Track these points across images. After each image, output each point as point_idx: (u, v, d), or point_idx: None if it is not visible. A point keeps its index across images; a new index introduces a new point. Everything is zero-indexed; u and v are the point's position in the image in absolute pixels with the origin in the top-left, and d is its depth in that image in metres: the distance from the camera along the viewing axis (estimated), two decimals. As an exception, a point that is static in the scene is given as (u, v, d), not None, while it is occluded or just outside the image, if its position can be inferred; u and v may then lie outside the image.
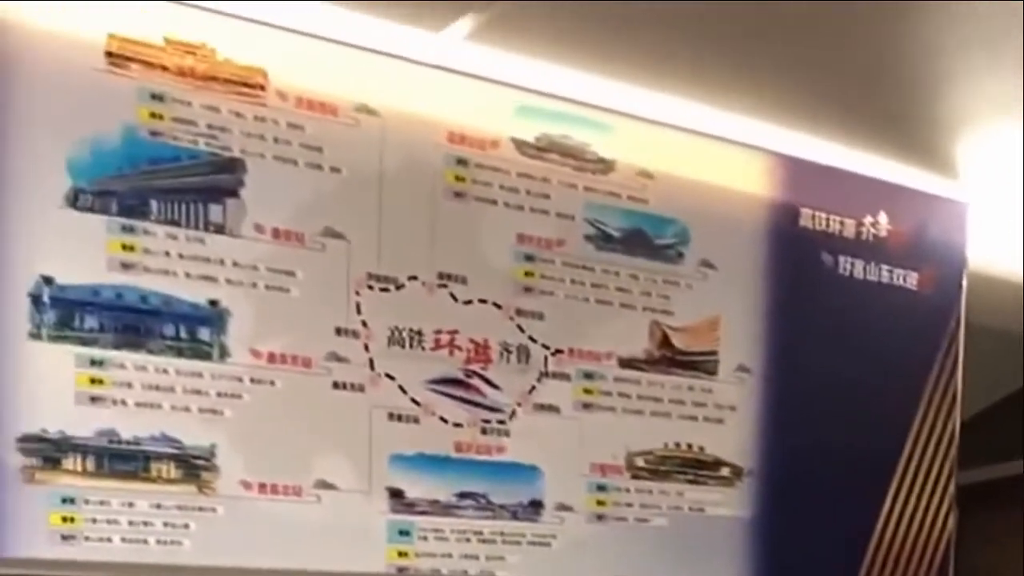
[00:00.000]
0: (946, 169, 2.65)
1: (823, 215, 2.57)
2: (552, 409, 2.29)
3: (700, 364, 2.44)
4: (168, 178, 1.92)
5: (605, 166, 2.30)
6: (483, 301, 2.20)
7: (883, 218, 2.65)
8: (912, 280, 2.70)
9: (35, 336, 1.84)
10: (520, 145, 2.21)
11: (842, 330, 2.61)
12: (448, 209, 2.15)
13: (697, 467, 2.46)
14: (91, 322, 1.88)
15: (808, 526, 2.58)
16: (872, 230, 2.64)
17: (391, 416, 2.13)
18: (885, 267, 2.66)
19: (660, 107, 2.30)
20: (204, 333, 1.96)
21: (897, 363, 2.68)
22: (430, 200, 2.13)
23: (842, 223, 2.60)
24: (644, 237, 2.35)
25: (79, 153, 1.85)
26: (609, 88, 2.23)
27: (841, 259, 2.61)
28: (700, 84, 2.27)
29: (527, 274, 2.24)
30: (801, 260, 2.56)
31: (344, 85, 2.03)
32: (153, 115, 1.90)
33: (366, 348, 2.09)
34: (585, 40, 2.10)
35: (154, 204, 1.91)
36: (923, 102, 2.37)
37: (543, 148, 2.24)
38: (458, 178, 2.16)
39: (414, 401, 2.15)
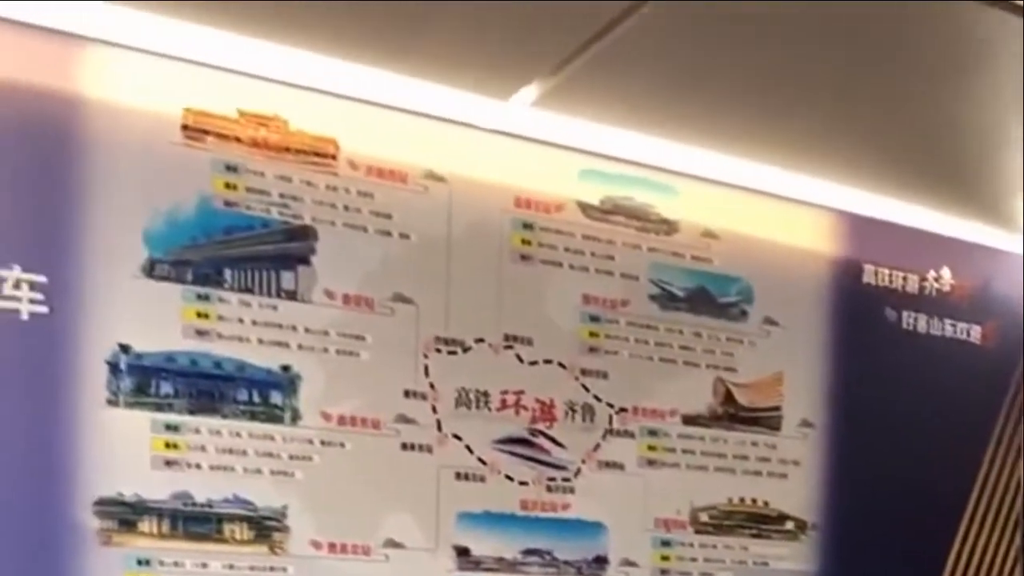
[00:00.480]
0: (1008, 223, 2.63)
1: (886, 271, 2.56)
2: (616, 466, 2.28)
3: (764, 420, 2.43)
4: (241, 247, 1.93)
5: (669, 227, 2.30)
6: (548, 361, 2.20)
7: (946, 273, 2.62)
8: (975, 334, 2.67)
9: (112, 403, 1.86)
10: (585, 208, 2.22)
11: (906, 384, 2.59)
12: (514, 272, 2.16)
13: (761, 521, 2.44)
14: (166, 388, 1.90)
15: (872, 580, 2.57)
16: (935, 285, 2.62)
17: (458, 475, 2.13)
18: (948, 321, 2.64)
19: (723, 168, 2.29)
20: (276, 397, 1.97)
21: (961, 417, 2.64)
22: (497, 263, 2.14)
23: (905, 279, 2.58)
24: (708, 296, 2.35)
25: (155, 224, 1.87)
26: (672, 150, 2.23)
27: (904, 314, 2.59)
28: (763, 144, 2.26)
29: (592, 334, 2.24)
30: (864, 316, 2.54)
31: (413, 153, 2.05)
32: (227, 186, 1.92)
33: (434, 410, 2.10)
34: (648, 104, 2.10)
35: (228, 272, 1.93)
36: (984, 158, 2.35)
37: (608, 210, 2.24)
38: (524, 241, 2.17)
39: (480, 460, 2.15)
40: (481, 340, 2.14)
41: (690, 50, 1.94)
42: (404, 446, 2.08)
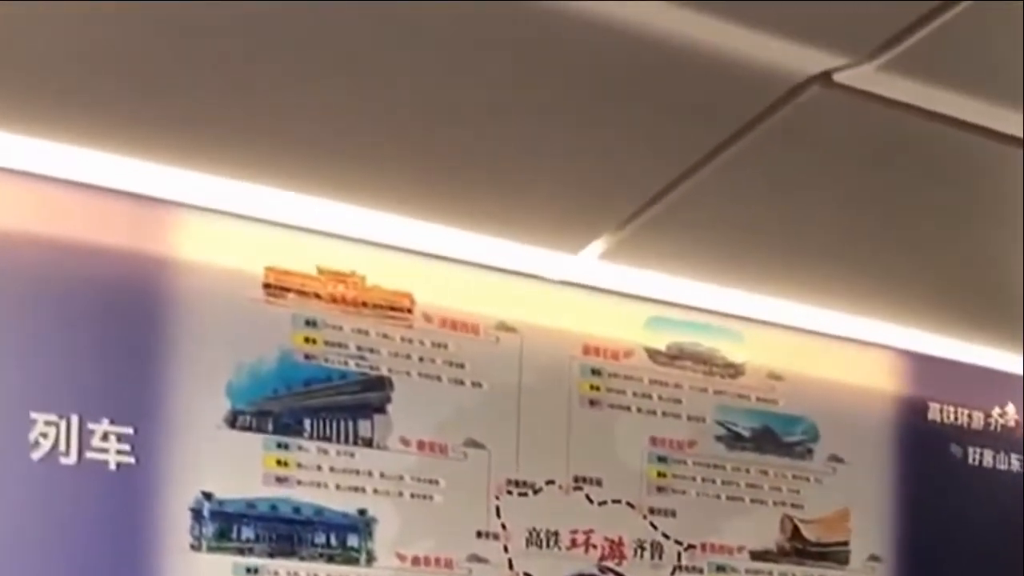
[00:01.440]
0: (1072, 360, 2.52)
1: (951, 408, 2.46)
2: (685, 601, 2.20)
3: (831, 555, 2.32)
4: (320, 397, 1.90)
5: (735, 370, 2.23)
6: (617, 501, 2.13)
7: (1011, 409, 2.52)
8: (1042, 468, 2.56)
9: (195, 548, 1.81)
10: (652, 354, 2.15)
11: (972, 518, 2.48)
12: (583, 416, 2.10)
13: (830, 654, 2.33)
14: (247, 533, 1.85)
15: None
16: (1000, 421, 2.51)
17: (529, 612, 2.06)
18: (1015, 456, 2.52)
19: (787, 312, 2.22)
20: (353, 540, 1.92)
21: (1029, 550, 2.52)
22: (566, 409, 2.08)
23: (970, 415, 2.48)
24: (773, 435, 2.26)
25: (238, 377, 1.84)
26: (736, 297, 2.16)
27: (970, 450, 2.48)
28: (825, 290, 2.18)
29: (660, 474, 2.17)
30: (930, 452, 2.44)
31: (485, 305, 2.01)
32: (307, 340, 1.89)
33: (505, 549, 2.03)
34: (711, 255, 2.04)
35: (307, 422, 1.89)
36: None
37: (674, 356, 2.17)
38: (593, 387, 2.11)
39: (551, 597, 2.08)
40: (551, 482, 2.07)
41: (750, 206, 1.88)
42: (476, 584, 2.02)
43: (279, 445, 1.87)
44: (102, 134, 1.66)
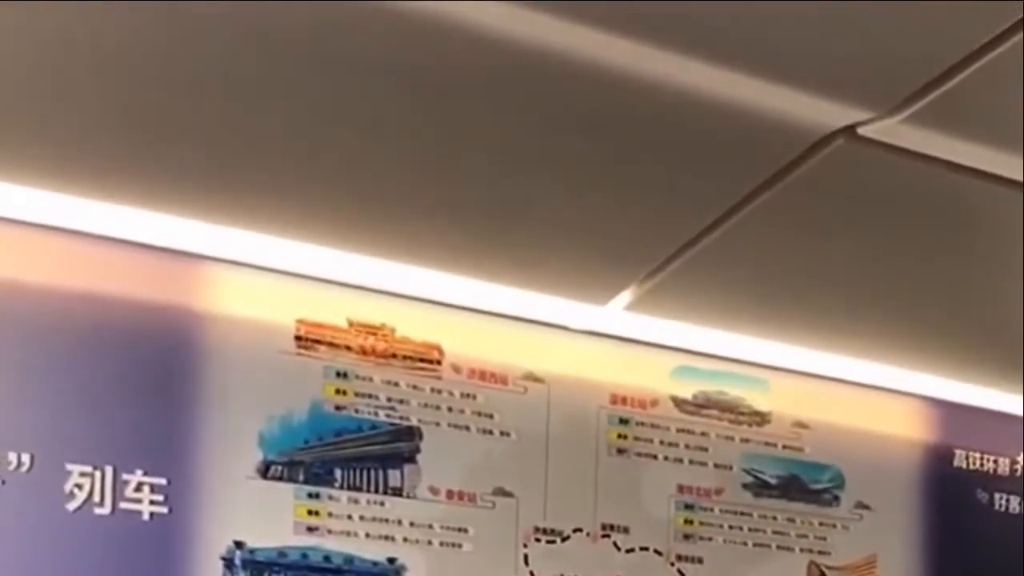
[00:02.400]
0: (1096, 405, 2.44)
1: (977, 455, 2.37)
2: (713, 646, 2.12)
3: (859, 601, 2.26)
4: (351, 448, 1.85)
5: (761, 418, 2.16)
6: (644, 549, 2.06)
7: (1037, 454, 2.45)
8: (1068, 512, 2.48)
9: (227, 596, 1.77)
10: (679, 403, 2.09)
11: (999, 564, 2.38)
12: (610, 465, 2.03)
13: None
14: (278, 581, 1.81)
15: None
16: (1026, 467, 2.44)
17: (558, 657, 1.99)
18: (1041, 501, 2.45)
19: (812, 361, 2.15)
20: (382, 588, 1.87)
21: (1056, 595, 2.44)
22: (593, 457, 2.02)
23: (996, 462, 2.40)
24: (800, 483, 2.19)
25: (270, 428, 1.79)
26: (762, 346, 2.09)
27: (996, 496, 2.40)
28: (851, 338, 2.12)
29: (687, 522, 2.10)
30: (956, 498, 2.35)
31: (513, 356, 1.96)
32: (338, 391, 1.84)
33: (534, 597, 1.98)
34: (735, 305, 1.98)
35: (338, 472, 1.84)
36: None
37: (701, 404, 2.11)
38: (620, 436, 2.05)
39: (579, 642, 2.01)
40: (579, 530, 2.01)
41: (775, 257, 1.82)
42: (505, 630, 1.95)
43: (310, 495, 1.82)
44: (138, 191, 1.62)
